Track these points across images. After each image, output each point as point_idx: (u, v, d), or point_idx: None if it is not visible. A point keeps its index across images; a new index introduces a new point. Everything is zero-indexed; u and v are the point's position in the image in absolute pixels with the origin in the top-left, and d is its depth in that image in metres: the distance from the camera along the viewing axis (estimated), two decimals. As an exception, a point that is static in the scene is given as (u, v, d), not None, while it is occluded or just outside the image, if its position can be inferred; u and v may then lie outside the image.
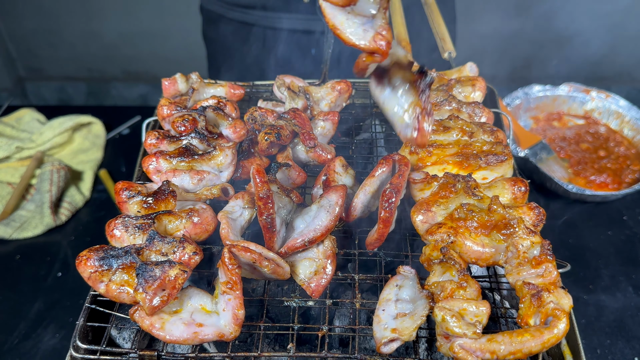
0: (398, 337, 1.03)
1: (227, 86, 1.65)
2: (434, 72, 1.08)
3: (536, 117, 2.54)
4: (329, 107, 1.63)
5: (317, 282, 1.16)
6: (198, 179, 1.34)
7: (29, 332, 1.74)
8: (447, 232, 1.14)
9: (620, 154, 2.32)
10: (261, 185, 1.14)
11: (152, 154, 1.36)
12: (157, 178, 1.35)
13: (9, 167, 2.31)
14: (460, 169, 1.30)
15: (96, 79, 4.48)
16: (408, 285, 1.14)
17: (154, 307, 1.02)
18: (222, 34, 2.24)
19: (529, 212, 1.17)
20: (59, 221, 2.12)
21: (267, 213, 1.12)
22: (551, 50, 3.52)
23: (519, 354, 0.94)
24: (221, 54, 2.33)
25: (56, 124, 2.43)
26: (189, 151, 1.37)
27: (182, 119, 1.41)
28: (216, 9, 2.12)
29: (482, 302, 1.00)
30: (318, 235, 1.18)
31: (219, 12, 2.13)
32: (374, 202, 1.32)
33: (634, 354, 1.65)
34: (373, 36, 1.04)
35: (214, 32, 2.29)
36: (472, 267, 1.38)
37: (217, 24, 2.23)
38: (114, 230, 1.18)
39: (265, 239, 1.15)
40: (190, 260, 1.11)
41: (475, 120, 1.46)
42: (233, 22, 2.13)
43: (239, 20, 2.11)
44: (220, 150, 1.37)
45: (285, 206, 1.25)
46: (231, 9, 2.09)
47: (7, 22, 4.16)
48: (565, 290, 1.04)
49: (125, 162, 2.45)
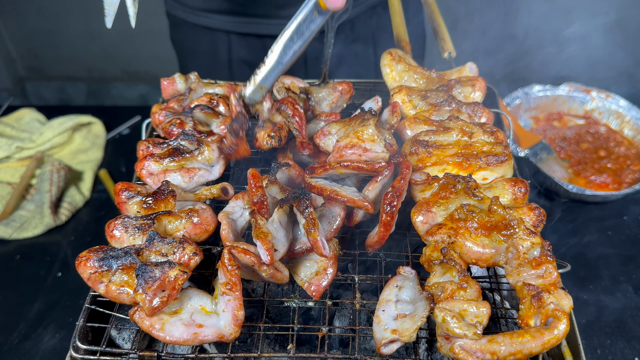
0: (398, 338, 1.03)
1: (225, 86, 1.65)
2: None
3: (536, 117, 2.54)
4: (330, 107, 1.62)
5: (318, 283, 1.16)
6: (189, 177, 1.35)
7: (29, 332, 1.74)
8: (447, 233, 1.13)
9: (621, 154, 2.31)
10: (255, 190, 1.14)
11: (143, 158, 1.37)
12: (151, 181, 1.36)
13: (9, 167, 2.31)
14: (460, 169, 1.30)
15: (96, 79, 4.47)
16: (408, 286, 1.14)
17: (154, 308, 1.01)
18: (187, 39, 2.24)
19: (529, 212, 1.17)
20: (59, 221, 2.12)
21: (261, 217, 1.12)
22: (551, 50, 3.52)
23: (520, 355, 0.94)
24: (189, 59, 2.33)
25: (56, 124, 2.43)
26: (177, 151, 1.38)
27: (170, 124, 1.43)
28: (179, 14, 2.12)
29: (483, 303, 1.00)
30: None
31: (182, 16, 2.12)
32: (376, 205, 1.32)
33: (634, 354, 1.65)
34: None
35: (180, 36, 2.29)
36: (472, 268, 1.38)
37: (182, 29, 2.22)
38: (113, 231, 1.17)
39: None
40: (190, 261, 1.11)
41: (475, 120, 1.46)
42: (197, 27, 2.12)
43: (203, 25, 2.10)
44: (207, 145, 1.38)
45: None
46: (194, 13, 2.08)
47: (7, 22, 4.16)
48: (565, 291, 1.03)
49: (125, 162, 2.45)
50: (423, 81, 1.59)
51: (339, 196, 1.19)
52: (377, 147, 1.25)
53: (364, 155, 1.25)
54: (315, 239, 1.11)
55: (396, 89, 1.53)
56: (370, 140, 1.26)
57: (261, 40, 2.10)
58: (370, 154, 1.25)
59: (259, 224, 1.10)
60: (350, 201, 1.19)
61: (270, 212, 1.17)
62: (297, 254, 1.21)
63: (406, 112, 1.50)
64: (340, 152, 1.27)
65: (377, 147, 1.25)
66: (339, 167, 1.22)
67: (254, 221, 1.11)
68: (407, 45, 1.70)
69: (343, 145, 1.27)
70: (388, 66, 1.60)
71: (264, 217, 1.13)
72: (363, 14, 2.08)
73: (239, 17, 2.03)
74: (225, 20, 2.04)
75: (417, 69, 1.60)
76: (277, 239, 1.13)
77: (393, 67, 1.59)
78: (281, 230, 1.16)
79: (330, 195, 1.20)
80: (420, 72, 1.59)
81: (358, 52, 2.10)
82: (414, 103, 1.51)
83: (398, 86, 1.55)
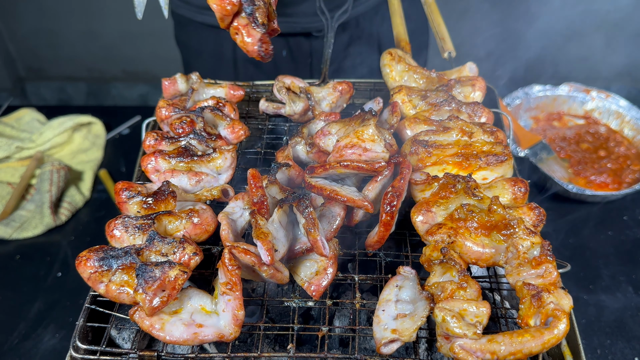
0: (398, 338, 1.03)
1: (227, 87, 1.65)
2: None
3: (536, 117, 2.54)
4: (330, 107, 1.62)
5: (318, 283, 1.16)
6: (196, 180, 1.34)
7: (29, 332, 1.75)
8: (447, 233, 1.13)
9: (621, 154, 2.31)
10: (255, 190, 1.14)
11: (151, 153, 1.36)
12: (156, 178, 1.35)
13: (9, 167, 2.31)
14: (460, 169, 1.30)
15: (96, 79, 4.47)
16: (408, 286, 1.14)
17: (154, 308, 1.01)
18: (192, 38, 2.24)
19: (529, 212, 1.17)
20: (59, 221, 2.12)
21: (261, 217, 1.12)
22: (551, 50, 3.52)
23: (519, 355, 0.94)
24: (194, 58, 2.33)
25: (56, 124, 2.43)
26: (188, 151, 1.37)
27: (180, 121, 1.42)
28: (185, 13, 2.12)
29: (483, 303, 1.00)
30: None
31: (187, 16, 2.12)
32: (376, 205, 1.32)
33: (634, 354, 1.65)
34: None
35: (185, 36, 2.29)
36: (472, 268, 1.38)
37: (187, 28, 2.22)
38: (113, 231, 1.17)
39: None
40: (190, 261, 1.11)
41: (475, 120, 1.46)
42: (202, 25, 2.12)
43: (208, 24, 2.10)
44: (220, 154, 1.37)
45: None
46: (200, 12, 2.08)
47: (7, 22, 4.16)
48: (565, 291, 1.03)
49: (125, 162, 2.45)
50: (423, 81, 1.59)
51: (338, 196, 1.19)
52: (377, 147, 1.25)
53: (364, 155, 1.25)
54: (315, 239, 1.11)
55: (396, 89, 1.53)
56: (370, 140, 1.26)
57: None
58: (370, 153, 1.25)
59: (259, 224, 1.10)
60: (350, 201, 1.19)
61: (270, 212, 1.17)
62: (297, 254, 1.21)
63: (406, 112, 1.51)
64: (340, 152, 1.27)
65: (377, 147, 1.25)
66: (339, 167, 1.22)
67: (254, 221, 1.11)
68: (407, 45, 1.70)
69: (343, 145, 1.27)
70: (388, 66, 1.60)
71: (264, 217, 1.13)
72: (366, 13, 2.09)
73: None
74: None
75: (417, 69, 1.60)
76: (277, 239, 1.13)
77: (393, 67, 1.60)
78: (281, 230, 1.16)
79: (330, 195, 1.20)
80: (420, 72, 1.60)
81: (362, 52, 2.10)
82: (413, 103, 1.51)
83: (398, 86, 1.55)
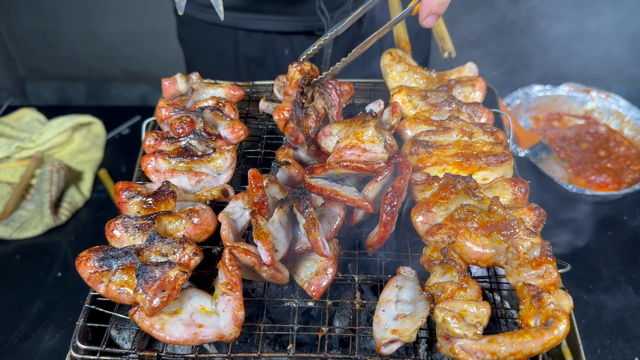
0: (398, 338, 1.03)
1: (227, 87, 1.65)
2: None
3: (536, 117, 2.54)
4: (329, 107, 1.62)
5: (318, 283, 1.16)
6: (196, 181, 1.34)
7: (28, 332, 1.74)
8: (447, 233, 1.13)
9: (620, 154, 2.31)
10: (256, 190, 1.14)
11: (151, 153, 1.36)
12: (156, 177, 1.35)
13: (9, 167, 2.31)
14: (461, 169, 1.30)
15: (96, 79, 4.47)
16: (408, 286, 1.14)
17: (154, 308, 1.01)
18: (195, 36, 2.25)
19: (529, 212, 1.17)
20: (58, 221, 2.12)
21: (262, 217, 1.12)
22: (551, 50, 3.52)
23: (520, 355, 0.94)
24: (196, 56, 2.34)
25: (56, 124, 2.42)
26: (188, 152, 1.37)
27: (180, 121, 1.42)
28: (188, 11, 2.13)
29: (483, 303, 1.00)
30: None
31: (190, 14, 2.13)
32: (376, 205, 1.32)
33: (634, 354, 1.65)
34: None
35: (187, 34, 2.30)
36: (472, 268, 1.38)
37: (190, 26, 2.23)
38: (113, 231, 1.17)
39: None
40: (190, 261, 1.11)
41: (475, 120, 1.46)
42: (205, 24, 2.13)
43: (211, 22, 2.11)
44: (220, 154, 1.37)
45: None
46: (203, 10, 2.09)
47: (7, 22, 4.16)
48: (565, 291, 1.03)
49: (125, 162, 2.45)
50: (423, 81, 1.59)
51: (338, 196, 1.19)
52: (376, 148, 1.26)
53: (363, 156, 1.25)
54: (316, 239, 1.11)
55: (396, 89, 1.53)
56: (370, 142, 1.26)
57: (268, 37, 2.11)
58: (369, 154, 1.25)
59: (260, 225, 1.10)
60: (350, 201, 1.19)
61: (271, 213, 1.17)
62: (297, 254, 1.21)
63: (406, 112, 1.51)
64: (340, 153, 1.27)
65: (376, 148, 1.26)
66: (339, 167, 1.22)
67: (255, 221, 1.11)
68: (407, 45, 1.70)
69: (343, 146, 1.27)
70: (388, 66, 1.60)
71: (264, 217, 1.13)
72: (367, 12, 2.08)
73: (247, 14, 2.04)
74: (234, 17, 2.06)
75: (417, 69, 1.60)
76: (278, 239, 1.13)
77: (393, 67, 1.60)
78: (281, 230, 1.16)
79: (330, 195, 1.20)
80: (420, 72, 1.60)
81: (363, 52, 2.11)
82: (414, 103, 1.51)
83: (398, 86, 1.55)
